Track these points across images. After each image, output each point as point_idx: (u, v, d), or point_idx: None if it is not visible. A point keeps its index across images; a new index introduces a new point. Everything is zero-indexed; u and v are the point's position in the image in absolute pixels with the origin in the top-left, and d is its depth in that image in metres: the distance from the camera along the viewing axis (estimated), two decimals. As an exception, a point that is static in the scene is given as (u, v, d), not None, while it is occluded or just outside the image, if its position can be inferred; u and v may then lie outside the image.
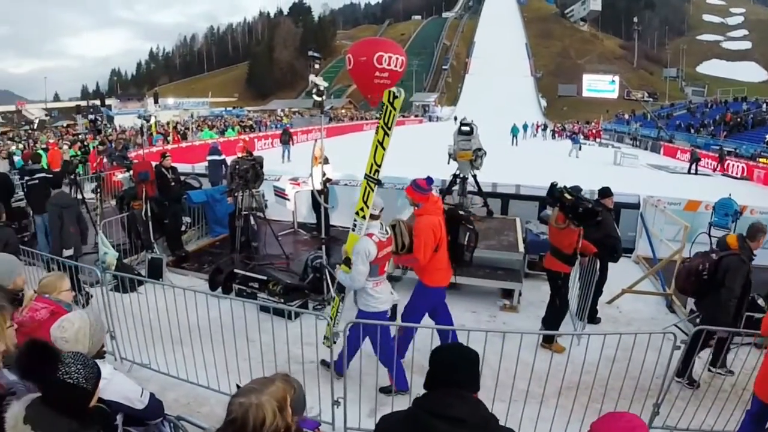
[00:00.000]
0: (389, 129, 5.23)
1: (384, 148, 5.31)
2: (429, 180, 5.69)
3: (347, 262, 5.29)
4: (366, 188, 5.37)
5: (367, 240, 5.14)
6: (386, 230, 5.40)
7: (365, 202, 5.34)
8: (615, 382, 4.69)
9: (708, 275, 5.44)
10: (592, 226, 6.28)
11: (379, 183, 5.38)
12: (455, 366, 2.45)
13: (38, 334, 3.39)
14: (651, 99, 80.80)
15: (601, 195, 7.24)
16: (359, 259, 5.05)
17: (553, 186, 6.42)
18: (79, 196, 10.18)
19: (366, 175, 5.40)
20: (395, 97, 5.18)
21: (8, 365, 2.89)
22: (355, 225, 5.48)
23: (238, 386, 2.57)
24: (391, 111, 5.22)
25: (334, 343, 5.41)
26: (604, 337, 4.56)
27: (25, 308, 3.63)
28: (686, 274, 5.73)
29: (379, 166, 5.37)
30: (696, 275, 5.55)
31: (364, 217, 5.35)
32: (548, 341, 6.21)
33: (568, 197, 6.06)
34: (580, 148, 33.82)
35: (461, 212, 6.11)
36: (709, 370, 5.52)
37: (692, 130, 47.10)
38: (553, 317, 6.54)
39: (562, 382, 4.71)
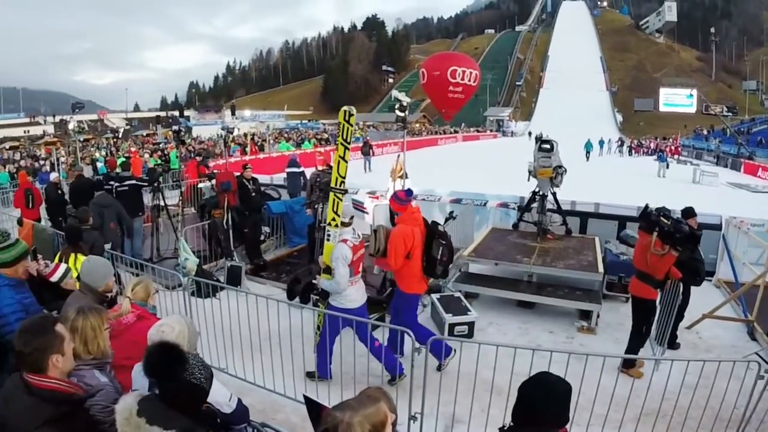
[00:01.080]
0: (348, 143, 5.75)
1: (346, 161, 5.78)
2: (408, 192, 6.27)
3: (327, 270, 5.67)
4: (334, 199, 5.79)
5: (343, 245, 5.54)
6: (358, 235, 5.82)
7: (335, 212, 5.77)
8: (694, 411, 4.49)
9: None
10: (689, 250, 6.06)
11: (345, 192, 5.89)
12: (542, 404, 2.43)
13: (124, 337, 3.53)
14: (730, 113, 77.28)
15: (685, 215, 6.90)
16: (339, 263, 5.46)
17: (646, 210, 6.20)
18: (161, 203, 10.54)
19: (332, 187, 5.84)
20: (350, 114, 5.71)
21: (100, 367, 2.99)
22: (329, 235, 5.85)
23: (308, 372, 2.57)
24: (347, 128, 5.73)
25: None
26: (687, 364, 4.40)
27: (122, 314, 3.74)
28: None
29: (344, 178, 5.82)
30: None
31: (336, 226, 5.78)
32: (628, 366, 6.00)
33: (666, 221, 5.84)
34: (667, 167, 32.11)
35: (438, 227, 6.18)
36: None
37: (773, 146, 44.92)
38: (636, 343, 6.30)
39: (641, 408, 4.57)
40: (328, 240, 5.86)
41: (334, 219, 5.80)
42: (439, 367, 5.88)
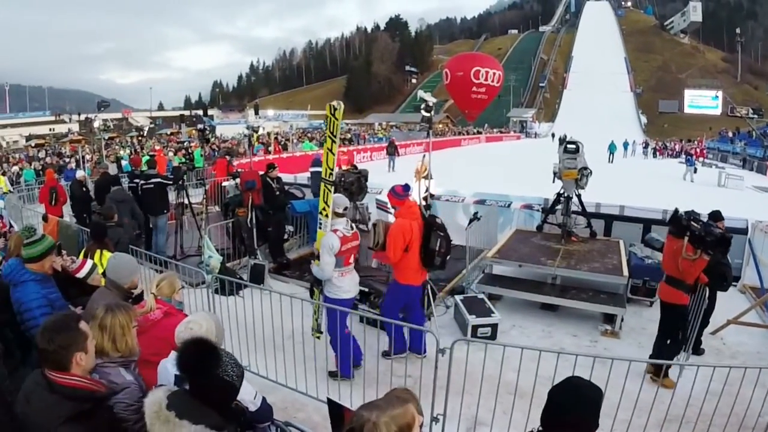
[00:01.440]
0: (335, 137, 6.05)
1: (333, 154, 6.07)
2: (406, 187, 6.45)
3: (319, 257, 5.91)
4: (324, 190, 6.08)
5: (332, 235, 5.80)
6: (351, 226, 6.09)
7: (326, 202, 6.07)
8: (718, 418, 4.42)
9: None
10: (720, 254, 5.97)
11: (333, 184, 6.16)
12: (572, 409, 2.39)
13: (151, 333, 3.55)
14: (756, 115, 76.11)
15: (713, 219, 6.79)
16: (325, 251, 5.74)
17: (676, 214, 6.11)
18: (185, 201, 10.63)
19: (322, 178, 6.13)
20: (335, 109, 5.94)
21: (125, 365, 3.00)
22: (320, 224, 6.19)
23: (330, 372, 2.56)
24: (334, 121, 6.01)
25: (322, 333, 6.17)
26: (713, 370, 4.33)
27: (148, 311, 3.76)
28: None
29: (332, 169, 6.10)
30: None
31: (327, 216, 6.06)
32: (658, 374, 5.87)
33: (697, 225, 5.75)
34: (695, 171, 31.44)
35: (436, 220, 6.36)
36: None
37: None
38: (670, 349, 6.15)
39: (665, 414, 4.52)
40: (319, 228, 6.21)
41: (324, 209, 6.10)
42: (386, 354, 6.27)
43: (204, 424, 2.29)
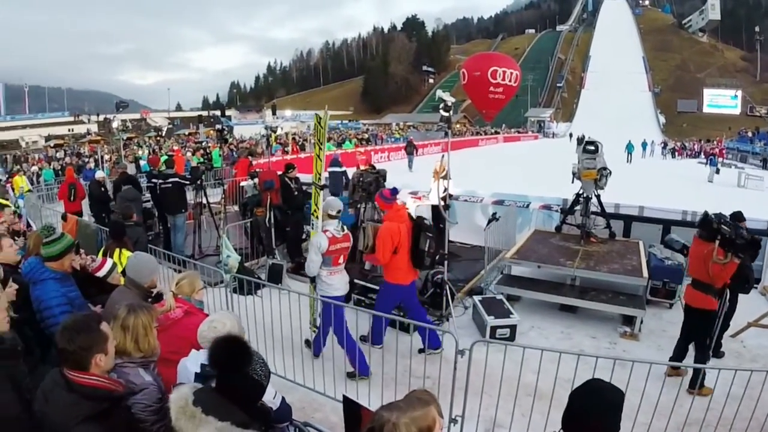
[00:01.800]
0: (321, 144, 6.69)
1: (321, 159, 6.68)
2: (393, 191, 6.78)
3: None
4: (315, 193, 6.66)
5: (321, 235, 6.07)
6: (342, 228, 6.27)
7: (316, 205, 6.58)
8: (739, 422, 4.38)
9: None
10: (749, 257, 5.88)
11: (322, 188, 6.73)
12: (593, 412, 2.37)
13: (171, 332, 3.56)
14: (775, 116, 75.39)
15: (734, 220, 6.71)
16: (312, 250, 6.06)
17: (706, 217, 5.96)
18: (204, 201, 10.71)
19: (313, 183, 6.72)
20: (320, 118, 6.64)
21: (145, 365, 3.01)
22: (313, 224, 6.70)
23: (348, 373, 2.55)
24: (320, 129, 6.65)
25: (317, 327, 6.47)
26: (734, 374, 4.27)
27: (168, 310, 3.78)
28: None
29: (321, 174, 6.68)
30: None
31: (317, 217, 6.49)
32: (694, 386, 5.71)
33: (727, 229, 5.63)
34: (717, 172, 31.00)
35: (424, 222, 6.51)
36: None
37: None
38: (700, 359, 5.98)
39: (686, 418, 4.47)
40: (312, 228, 6.72)
41: (314, 211, 6.60)
42: (363, 338, 6.49)
43: (230, 421, 2.30)
